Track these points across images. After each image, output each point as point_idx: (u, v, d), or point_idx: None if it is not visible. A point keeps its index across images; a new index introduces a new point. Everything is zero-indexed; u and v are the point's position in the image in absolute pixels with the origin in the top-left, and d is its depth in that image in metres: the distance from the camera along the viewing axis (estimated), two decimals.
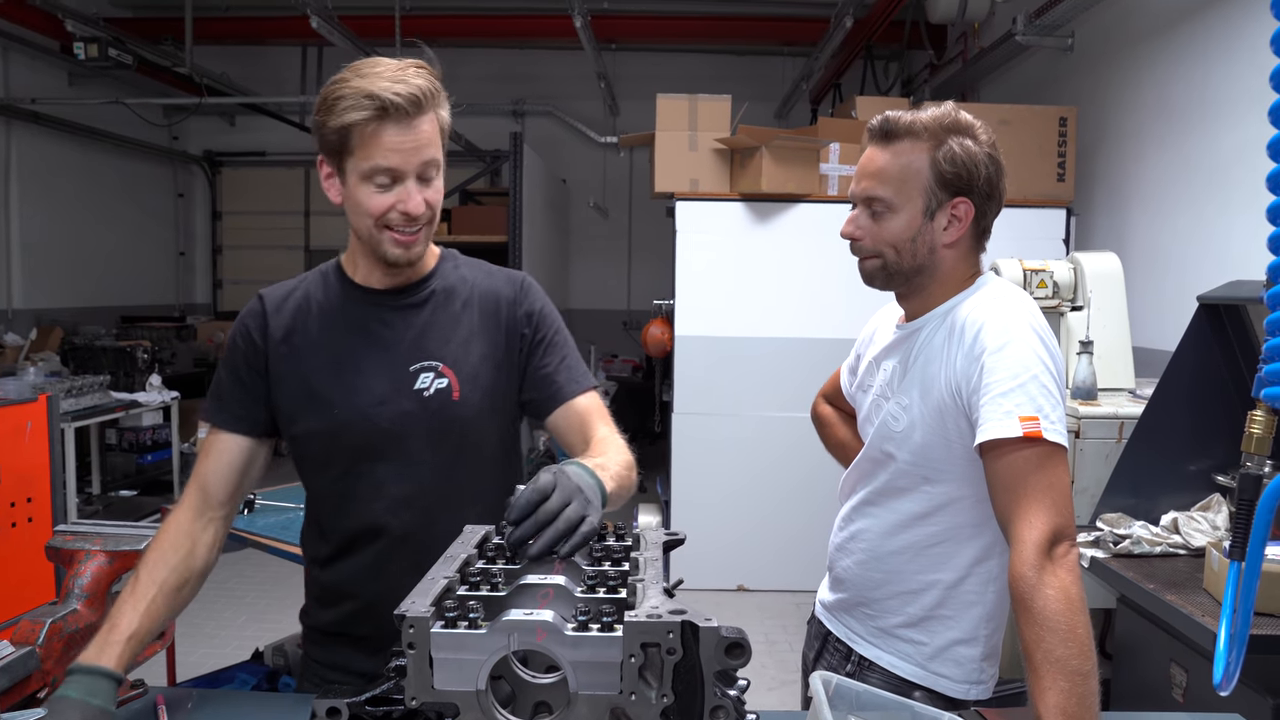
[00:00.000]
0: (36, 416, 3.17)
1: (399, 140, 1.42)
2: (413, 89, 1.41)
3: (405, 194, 1.45)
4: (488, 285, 1.64)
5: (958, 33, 7.10)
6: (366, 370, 1.55)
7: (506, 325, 1.61)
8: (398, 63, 1.46)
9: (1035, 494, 1.35)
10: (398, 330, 1.57)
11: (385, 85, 1.40)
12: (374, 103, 1.39)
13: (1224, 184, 3.91)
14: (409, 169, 1.44)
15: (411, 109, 1.41)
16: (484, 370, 1.58)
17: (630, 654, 0.96)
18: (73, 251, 8.37)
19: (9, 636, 1.28)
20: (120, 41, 6.84)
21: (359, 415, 1.53)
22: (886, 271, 1.58)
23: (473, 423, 1.57)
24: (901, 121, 1.54)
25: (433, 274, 1.62)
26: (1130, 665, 2.64)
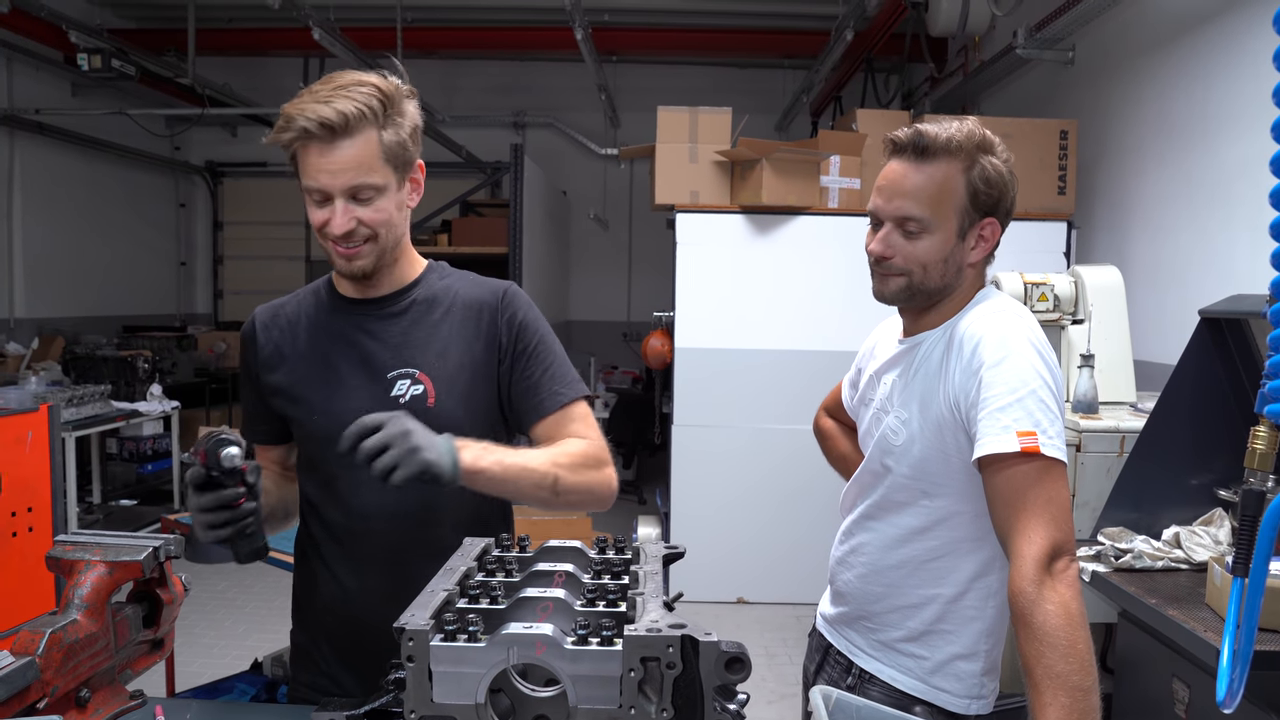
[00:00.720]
0: (37, 426, 3.16)
1: (321, 163, 1.45)
2: (332, 114, 1.41)
3: (330, 214, 1.48)
4: (470, 294, 1.65)
5: (958, 46, 7.12)
6: (346, 377, 1.60)
7: (486, 334, 1.62)
8: (350, 79, 1.47)
9: (1034, 509, 1.34)
10: (378, 339, 1.61)
11: (306, 108, 1.42)
12: (293, 125, 1.42)
13: (1225, 199, 3.92)
14: (334, 190, 1.46)
15: (326, 135, 1.43)
16: (461, 378, 1.59)
17: (630, 668, 0.96)
18: (75, 261, 8.37)
19: (9, 646, 1.28)
20: (123, 52, 6.87)
21: (336, 421, 1.53)
22: (911, 290, 1.56)
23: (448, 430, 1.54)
24: (939, 139, 1.51)
25: (416, 284, 1.65)
26: (1132, 681, 2.63)
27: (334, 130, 1.42)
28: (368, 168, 1.46)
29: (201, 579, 5.46)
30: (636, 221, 9.69)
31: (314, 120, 1.41)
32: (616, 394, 8.13)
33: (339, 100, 1.42)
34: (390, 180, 1.50)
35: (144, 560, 1.46)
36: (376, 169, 1.48)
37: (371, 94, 1.45)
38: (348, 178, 1.45)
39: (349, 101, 1.43)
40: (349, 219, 1.48)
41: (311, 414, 1.60)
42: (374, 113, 1.45)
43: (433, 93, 8.63)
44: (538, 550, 1.24)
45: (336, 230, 1.48)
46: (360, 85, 1.45)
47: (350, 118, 1.42)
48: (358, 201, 1.48)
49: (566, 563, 1.17)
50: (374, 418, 1.32)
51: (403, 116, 1.50)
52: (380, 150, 1.47)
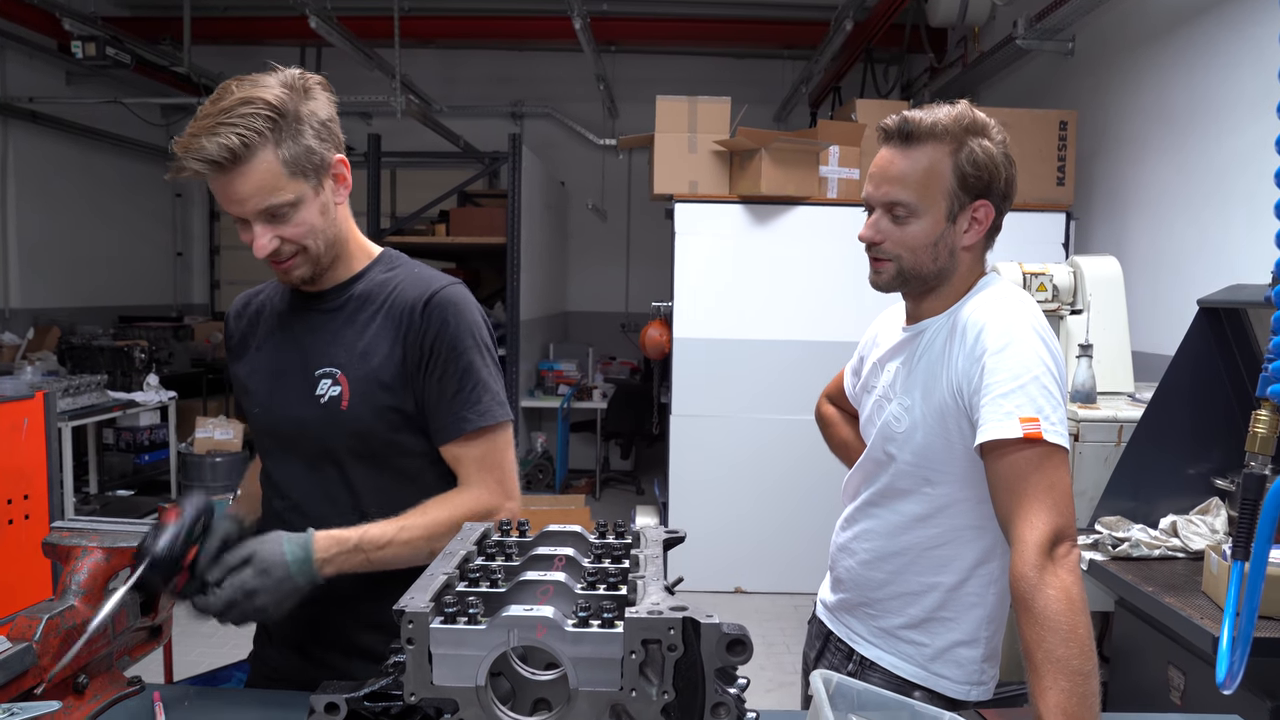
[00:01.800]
0: (33, 413, 3.15)
1: (223, 194, 1.42)
2: (215, 150, 1.36)
3: (251, 237, 1.46)
4: (404, 293, 1.58)
5: (958, 36, 7.11)
6: (285, 373, 1.60)
7: (405, 338, 1.55)
8: (235, 98, 1.39)
9: (1036, 494, 1.34)
10: (316, 334, 1.59)
11: (191, 145, 1.36)
12: (184, 164, 1.37)
13: (1224, 189, 3.92)
14: (246, 214, 1.44)
15: (215, 170, 1.38)
16: (376, 382, 1.54)
17: (631, 650, 0.95)
18: (70, 251, 8.35)
19: (5, 632, 1.27)
20: (118, 41, 6.83)
21: (270, 415, 1.61)
22: (903, 276, 1.56)
23: (362, 435, 1.55)
24: (923, 123, 1.51)
25: (357, 278, 1.61)
26: (1128, 668, 2.64)
27: (222, 165, 1.37)
28: (271, 189, 1.42)
29: None
30: (635, 212, 9.68)
31: (200, 161, 1.36)
32: (615, 385, 8.12)
33: (222, 132, 1.36)
34: (303, 190, 1.45)
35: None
36: (283, 186, 1.43)
37: (258, 112, 1.38)
38: (254, 204, 1.42)
39: (231, 130, 1.36)
40: (270, 239, 1.45)
41: (254, 406, 1.63)
42: (263, 133, 1.39)
43: (431, 82, 8.61)
44: (538, 535, 1.23)
45: (260, 254, 1.46)
46: (246, 104, 1.38)
47: (235, 150, 1.37)
48: (275, 220, 1.45)
49: (567, 547, 1.16)
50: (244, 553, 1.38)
51: (301, 122, 1.44)
52: (281, 167, 1.42)
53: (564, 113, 9.45)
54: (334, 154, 1.50)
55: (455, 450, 1.57)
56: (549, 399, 7.69)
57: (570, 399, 7.70)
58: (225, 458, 6.33)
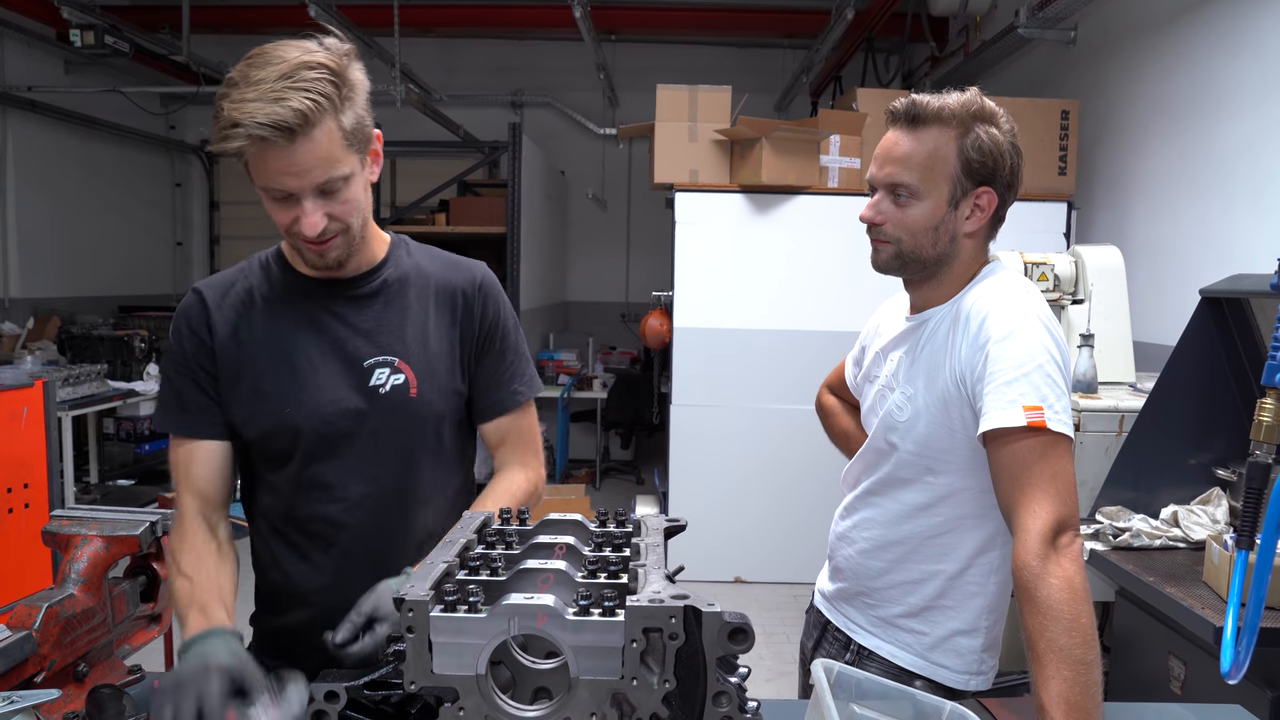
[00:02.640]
0: (33, 402, 3.15)
1: (282, 165, 1.29)
2: (284, 116, 1.25)
3: (300, 214, 1.34)
4: (444, 276, 1.57)
5: (959, 25, 7.08)
6: (319, 366, 1.48)
7: (462, 321, 1.55)
8: (288, 63, 1.28)
9: (1039, 483, 1.34)
10: (350, 323, 1.50)
11: (254, 110, 1.24)
12: (242, 131, 1.25)
13: (1227, 178, 3.90)
14: (303, 189, 1.33)
15: (285, 139, 1.27)
16: (440, 366, 1.52)
17: (632, 639, 0.95)
18: (70, 241, 8.33)
19: (5, 621, 1.28)
20: (117, 29, 6.80)
21: (312, 414, 1.47)
22: (901, 258, 1.56)
23: (430, 421, 1.53)
24: (930, 106, 1.50)
25: (384, 263, 1.55)
26: (1128, 658, 2.64)
27: (293, 131, 1.26)
28: (333, 161, 1.32)
29: None
30: (635, 201, 9.66)
31: (267, 126, 1.24)
32: (615, 374, 8.12)
33: (292, 96, 1.25)
34: (355, 165, 1.37)
35: (141, 535, 1.46)
36: (342, 159, 1.33)
37: (323, 78, 1.29)
38: (314, 176, 1.32)
39: (302, 95, 1.26)
40: (320, 217, 1.35)
41: (282, 407, 1.47)
42: (330, 100, 1.29)
43: (430, 72, 8.57)
44: (538, 523, 1.23)
45: (310, 232, 1.35)
46: (308, 69, 1.28)
47: (308, 115, 1.27)
48: (325, 196, 1.35)
49: (567, 535, 1.16)
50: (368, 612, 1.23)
51: (355, 91, 1.35)
52: (342, 138, 1.33)
53: (564, 102, 9.42)
54: (373, 128, 1.42)
55: (503, 424, 1.59)
56: (549, 389, 7.68)
57: (570, 389, 7.70)
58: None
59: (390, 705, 1.07)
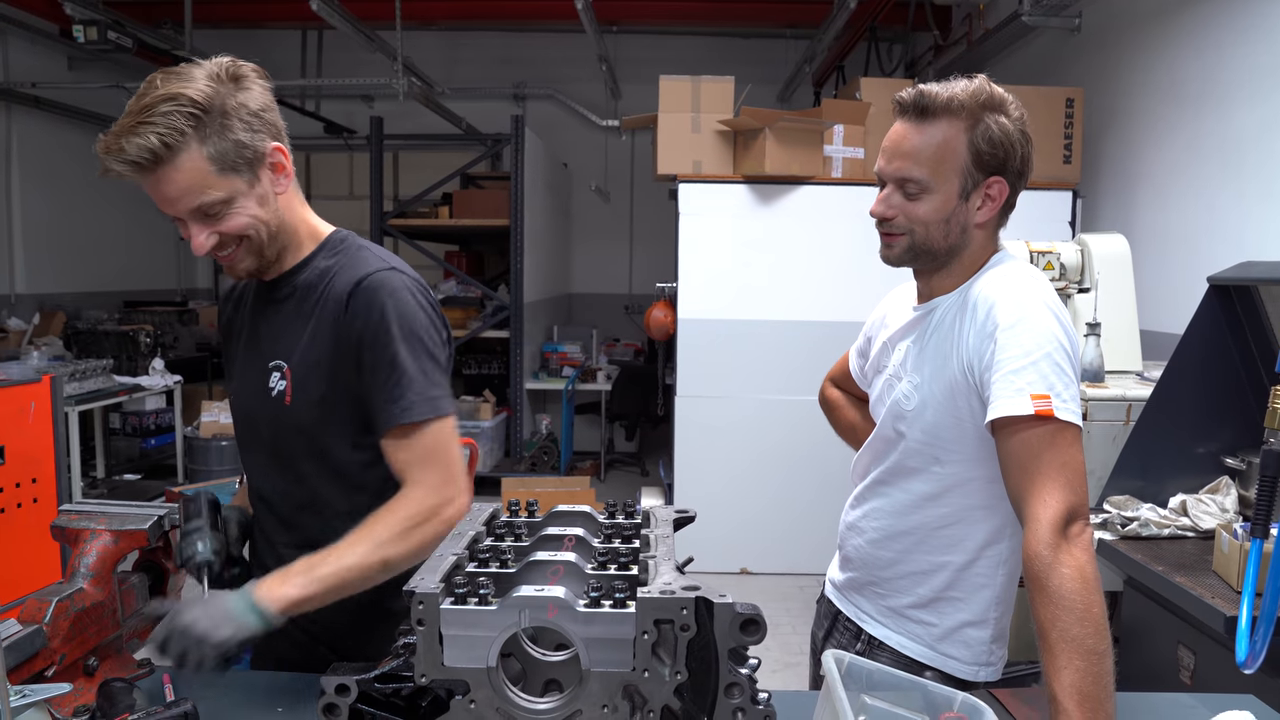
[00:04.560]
0: (40, 397, 3.16)
1: (153, 193, 1.38)
2: (135, 151, 1.31)
3: (189, 233, 1.41)
4: (338, 283, 1.51)
5: (963, 14, 7.04)
6: (245, 366, 1.61)
7: (337, 329, 1.49)
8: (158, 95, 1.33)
9: (1049, 472, 1.33)
10: (268, 325, 1.58)
11: (113, 145, 1.32)
12: (107, 164, 1.34)
13: (1237, 166, 3.88)
14: (179, 214, 1.39)
15: (138, 173, 1.33)
16: (314, 377, 1.50)
17: (644, 630, 0.95)
18: (74, 236, 8.34)
19: (16, 615, 1.28)
20: (119, 24, 6.79)
21: (236, 405, 1.64)
22: (914, 250, 1.54)
23: (305, 430, 1.52)
24: (939, 98, 1.48)
25: (300, 267, 1.56)
26: (1137, 648, 2.63)
27: (143, 166, 1.32)
28: (200, 188, 1.36)
29: None
30: (638, 193, 9.64)
31: (121, 163, 1.32)
32: (619, 366, 8.12)
33: (142, 132, 1.30)
34: (235, 185, 1.40)
35: (149, 529, 1.46)
36: (212, 184, 1.37)
37: (180, 109, 1.32)
38: (184, 204, 1.37)
39: (151, 130, 1.30)
40: (207, 236, 1.40)
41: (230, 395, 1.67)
42: (185, 131, 1.33)
43: (432, 65, 8.56)
44: (547, 515, 1.23)
45: (198, 252, 1.42)
46: (167, 101, 1.32)
47: (156, 151, 1.31)
48: (210, 219, 1.40)
49: (576, 527, 1.16)
50: (160, 631, 1.30)
51: (228, 116, 1.37)
52: (209, 165, 1.36)
53: (566, 94, 9.40)
54: (269, 143, 1.44)
55: (390, 447, 1.48)
56: (553, 381, 7.69)
57: (574, 381, 7.69)
58: (231, 441, 6.31)
59: (401, 698, 1.06)
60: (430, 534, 1.42)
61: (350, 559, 1.38)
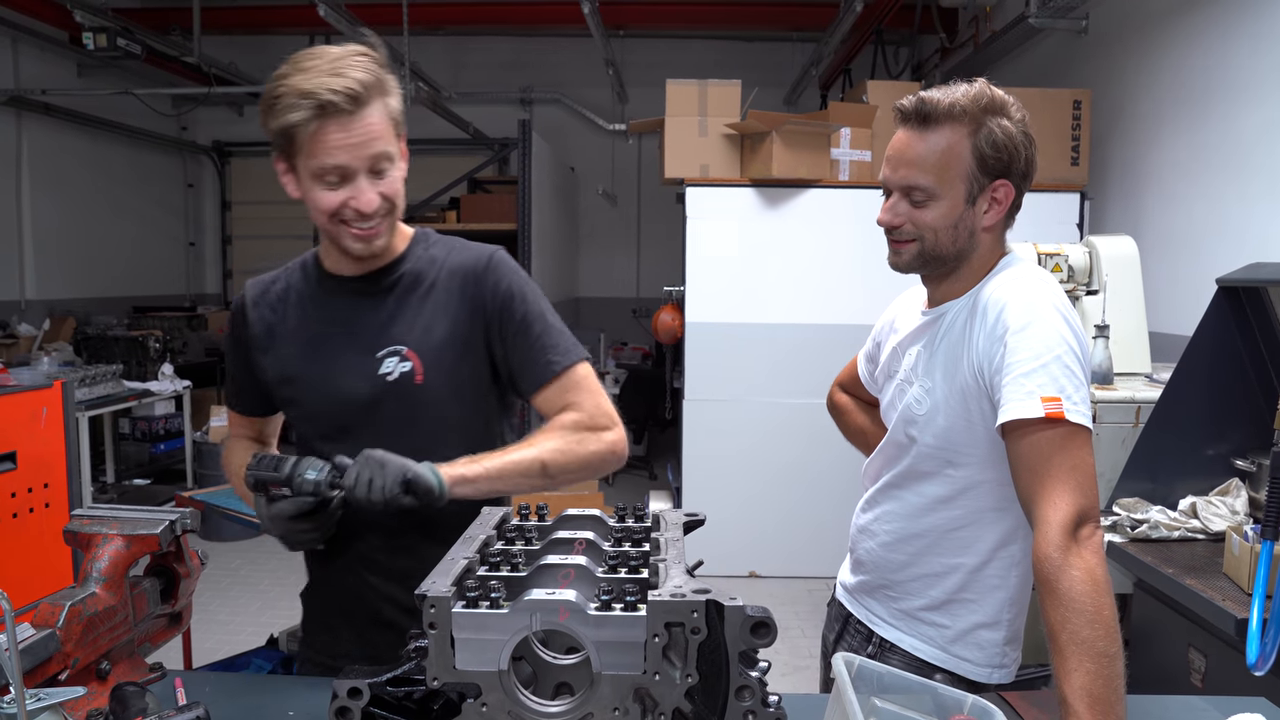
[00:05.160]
0: (51, 402, 3.17)
1: (342, 138, 1.40)
2: (350, 84, 1.37)
3: (357, 191, 1.44)
4: (455, 263, 1.61)
5: (969, 16, 7.04)
6: (336, 356, 1.58)
7: (471, 303, 1.57)
8: (338, 51, 1.42)
9: (1059, 475, 1.33)
10: (365, 316, 1.59)
11: (320, 81, 1.37)
12: (311, 101, 1.36)
13: (1244, 167, 3.87)
14: (358, 165, 1.42)
15: (350, 105, 1.38)
16: (448, 354, 1.56)
17: (654, 633, 0.95)
18: (84, 242, 8.39)
19: (29, 619, 1.28)
20: (128, 31, 6.84)
21: (326, 399, 1.58)
22: (924, 256, 1.54)
23: (437, 407, 1.56)
24: (940, 104, 1.48)
25: (402, 258, 1.62)
26: (1147, 650, 2.62)
27: (358, 99, 1.38)
28: (385, 137, 1.44)
29: (216, 556, 5.50)
30: (645, 197, 9.66)
31: (338, 93, 1.36)
32: (627, 370, 8.12)
33: (350, 71, 1.38)
34: (397, 149, 1.48)
35: (161, 534, 1.47)
36: (390, 138, 1.45)
37: (372, 64, 1.42)
38: (371, 149, 1.42)
39: (360, 70, 1.39)
40: (374, 195, 1.44)
41: (307, 394, 1.60)
42: (380, 81, 1.43)
43: (440, 69, 8.59)
44: (557, 519, 1.23)
45: (367, 208, 1.44)
46: (358, 56, 1.42)
47: (368, 86, 1.39)
48: (376, 175, 1.45)
49: (587, 530, 1.16)
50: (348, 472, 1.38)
51: (393, 84, 1.48)
52: (389, 120, 1.45)
53: (573, 98, 9.42)
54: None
55: (552, 391, 1.57)
56: None
57: None
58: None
59: (413, 701, 1.07)
60: (590, 450, 1.53)
61: (513, 454, 1.48)
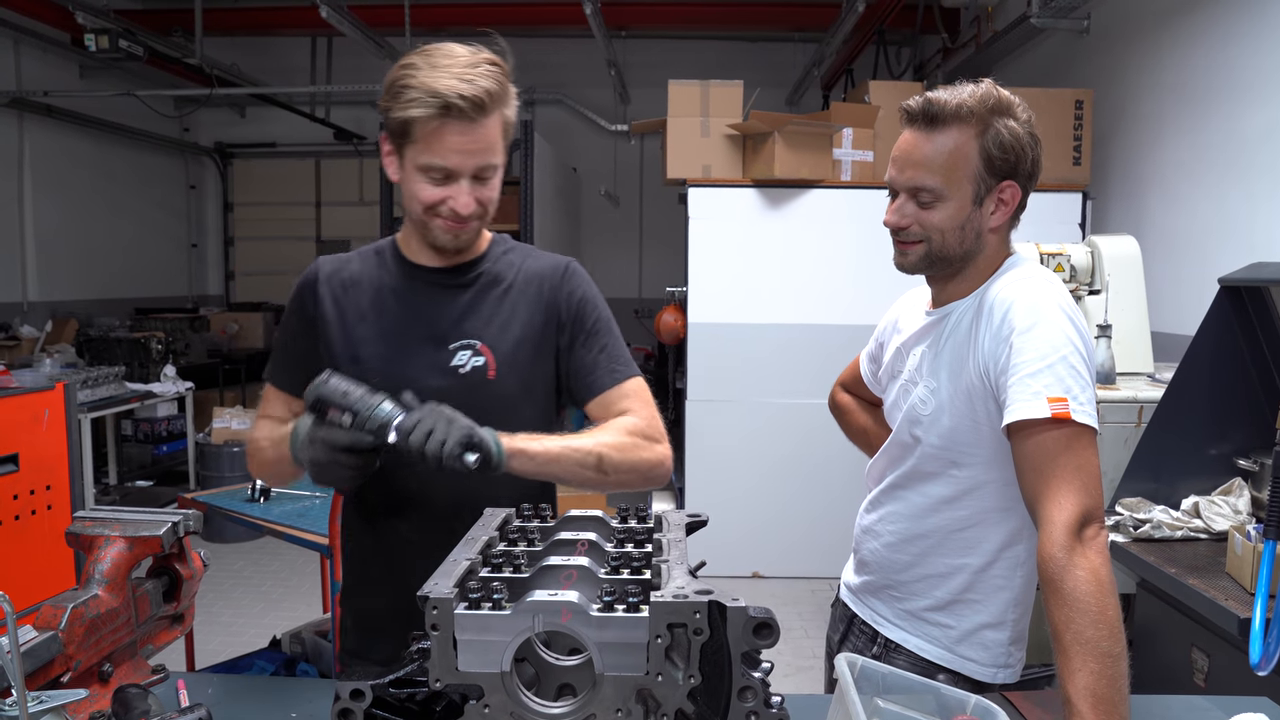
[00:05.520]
0: (54, 404, 3.18)
1: (459, 142, 1.44)
2: (478, 92, 1.41)
3: (457, 192, 1.48)
4: (532, 268, 1.66)
5: (971, 16, 7.04)
6: (408, 343, 1.60)
7: (546, 307, 1.62)
8: (469, 55, 1.46)
9: (1064, 475, 1.33)
10: (443, 309, 1.61)
11: (451, 84, 1.40)
12: (438, 101, 1.40)
13: (1247, 166, 3.86)
14: (465, 169, 1.47)
15: (474, 112, 1.42)
16: (521, 353, 1.60)
17: (657, 634, 0.95)
18: (86, 244, 8.39)
19: (32, 621, 1.28)
20: (130, 33, 6.84)
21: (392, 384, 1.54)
22: (930, 257, 1.54)
23: (506, 402, 1.58)
24: (948, 105, 1.48)
25: (483, 257, 1.66)
26: (1150, 650, 2.62)
27: (483, 107, 1.42)
28: (496, 148, 1.49)
29: (219, 557, 5.51)
30: (647, 197, 9.66)
31: (466, 99, 1.40)
32: None
33: (480, 80, 1.42)
34: (503, 158, 1.53)
35: (163, 535, 1.47)
36: (500, 149, 1.50)
37: (501, 75, 1.46)
38: (481, 158, 1.47)
39: (491, 81, 1.43)
40: (471, 199, 1.49)
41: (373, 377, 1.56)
42: (504, 92, 1.47)
43: None
44: (559, 520, 1.23)
45: (464, 210, 1.49)
46: (490, 65, 1.46)
47: (493, 97, 1.43)
48: (479, 181, 1.50)
49: (589, 531, 1.16)
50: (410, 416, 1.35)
51: (514, 94, 1.52)
52: (503, 130, 1.50)
53: (575, 99, 9.42)
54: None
55: (608, 397, 1.60)
56: None
57: None
58: (243, 447, 6.35)
59: (416, 703, 1.07)
60: (643, 457, 1.54)
61: (572, 440, 1.49)
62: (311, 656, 3.45)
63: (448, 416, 1.35)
